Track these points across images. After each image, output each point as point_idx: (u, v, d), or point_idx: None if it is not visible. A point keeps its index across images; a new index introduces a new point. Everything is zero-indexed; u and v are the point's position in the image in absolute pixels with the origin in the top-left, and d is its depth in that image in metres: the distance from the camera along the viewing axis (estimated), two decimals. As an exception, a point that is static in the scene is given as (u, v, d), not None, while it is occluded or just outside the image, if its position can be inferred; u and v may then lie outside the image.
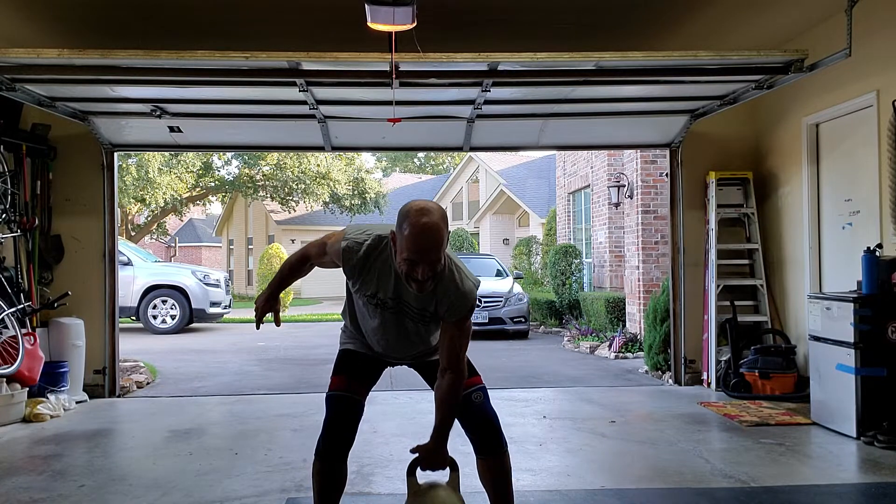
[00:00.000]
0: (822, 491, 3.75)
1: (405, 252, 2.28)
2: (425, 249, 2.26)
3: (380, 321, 2.60)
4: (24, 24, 5.50)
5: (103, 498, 3.70)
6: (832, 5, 5.11)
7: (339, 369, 2.71)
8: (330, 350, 10.21)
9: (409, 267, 2.29)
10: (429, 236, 2.26)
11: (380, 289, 2.49)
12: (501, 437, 2.66)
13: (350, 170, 23.20)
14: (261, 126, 6.50)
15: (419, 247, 2.25)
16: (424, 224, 2.26)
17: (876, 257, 4.77)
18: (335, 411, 2.62)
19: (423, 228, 2.26)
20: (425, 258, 2.27)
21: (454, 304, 2.45)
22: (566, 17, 5.39)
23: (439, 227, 2.28)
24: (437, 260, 2.29)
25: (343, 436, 2.60)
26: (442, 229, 2.29)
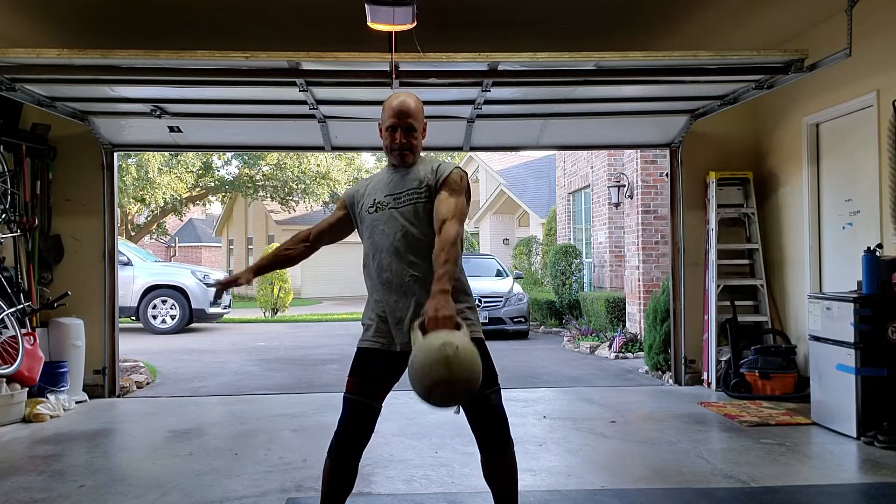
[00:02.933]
0: (822, 491, 3.75)
1: (386, 122, 2.74)
2: (401, 112, 2.71)
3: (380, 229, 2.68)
4: (24, 24, 5.50)
5: (103, 498, 3.70)
6: (832, 5, 5.11)
7: (354, 370, 2.70)
8: (330, 350, 10.29)
9: (390, 135, 2.73)
10: (403, 101, 2.74)
11: (377, 193, 2.78)
12: (507, 434, 2.66)
13: (350, 170, 23.22)
14: (261, 126, 6.50)
15: (395, 110, 2.71)
16: (401, 99, 2.77)
17: (876, 257, 4.77)
18: (349, 414, 2.67)
19: (398, 98, 2.77)
20: (401, 120, 2.70)
21: (438, 169, 2.71)
22: (566, 17, 5.39)
23: (413, 100, 2.77)
24: (413, 127, 2.72)
25: (355, 438, 2.65)
26: (416, 101, 2.77)
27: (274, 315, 17.34)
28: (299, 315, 17.54)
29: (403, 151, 2.73)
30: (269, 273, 18.36)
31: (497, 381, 2.68)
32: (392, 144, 2.73)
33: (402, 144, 2.72)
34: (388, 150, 2.76)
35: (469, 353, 2.29)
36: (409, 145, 2.73)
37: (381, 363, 2.68)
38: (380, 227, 2.70)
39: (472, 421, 2.65)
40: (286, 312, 17.69)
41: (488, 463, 2.67)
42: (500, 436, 2.65)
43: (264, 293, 17.46)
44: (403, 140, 2.72)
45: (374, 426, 2.68)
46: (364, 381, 2.67)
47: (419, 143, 2.78)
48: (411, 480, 3.95)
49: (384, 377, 2.69)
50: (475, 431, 2.66)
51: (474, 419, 2.64)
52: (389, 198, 2.73)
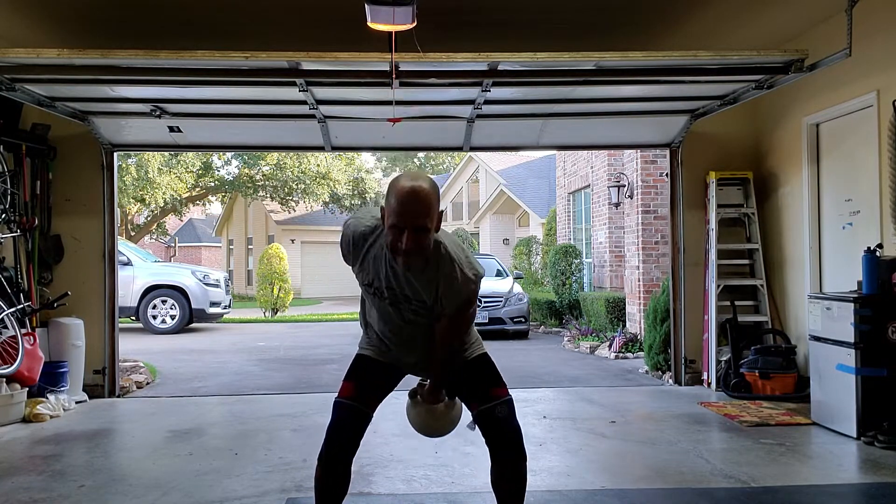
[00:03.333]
0: (822, 491, 3.75)
1: (391, 218, 2.23)
2: (410, 213, 2.20)
3: (380, 314, 2.56)
4: (24, 24, 5.50)
5: (103, 498, 3.70)
6: (832, 5, 5.11)
7: (350, 375, 2.63)
8: (330, 350, 10.29)
9: (395, 235, 2.24)
10: (414, 199, 2.21)
11: (374, 276, 2.44)
12: (522, 450, 2.58)
13: (350, 170, 23.21)
14: (261, 126, 6.49)
15: (404, 210, 2.20)
16: (411, 188, 2.22)
17: (876, 257, 4.77)
18: (339, 419, 2.55)
19: (410, 191, 2.22)
20: (410, 222, 2.20)
21: (449, 293, 2.38)
22: (566, 17, 5.39)
23: (426, 192, 2.23)
24: (424, 228, 2.23)
25: (345, 444, 2.53)
26: (430, 194, 2.24)
27: (274, 315, 17.34)
28: (299, 315, 17.54)
29: (411, 256, 2.28)
30: (269, 273, 18.35)
31: (506, 390, 2.63)
32: (395, 247, 2.27)
33: (409, 250, 2.25)
34: (391, 250, 2.30)
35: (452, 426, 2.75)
36: (418, 249, 2.26)
37: (381, 373, 2.66)
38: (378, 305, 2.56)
39: (485, 433, 2.59)
40: (286, 312, 17.69)
41: (501, 474, 2.59)
42: (515, 448, 2.56)
43: (264, 293, 17.46)
44: (411, 245, 2.24)
45: (363, 433, 2.57)
46: (362, 387, 2.60)
47: (431, 241, 2.31)
48: (411, 480, 3.95)
49: (383, 386, 2.67)
50: (489, 443, 2.59)
51: (488, 432, 2.58)
52: (389, 292, 2.45)
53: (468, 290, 2.40)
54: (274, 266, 17.45)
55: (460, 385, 2.66)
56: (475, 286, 2.42)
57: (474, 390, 2.63)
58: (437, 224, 2.31)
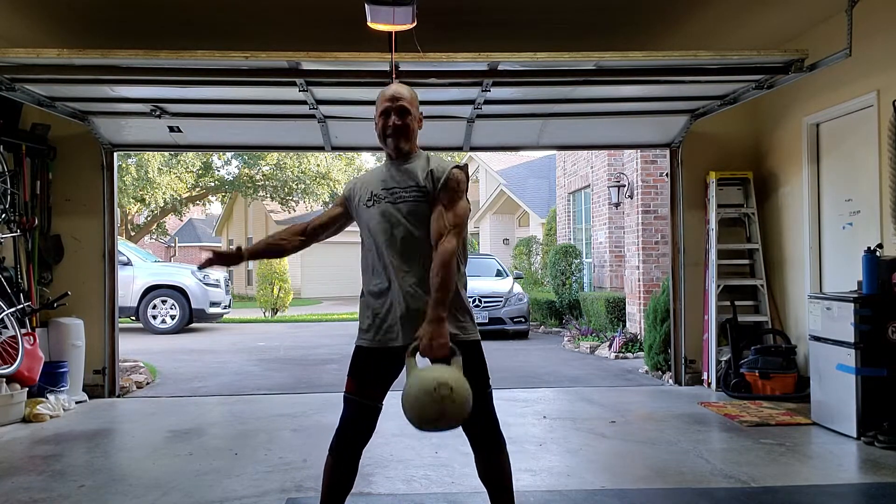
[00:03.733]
0: (822, 491, 3.75)
1: (379, 108, 2.71)
2: (394, 97, 2.69)
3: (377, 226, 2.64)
4: (24, 24, 5.50)
5: (103, 498, 3.70)
6: (832, 5, 5.11)
7: (352, 370, 2.70)
8: (330, 350, 10.29)
9: (384, 120, 2.69)
10: (396, 88, 2.74)
11: (373, 186, 2.74)
12: (498, 434, 2.68)
13: (350, 170, 23.22)
14: (261, 126, 6.50)
15: (388, 95, 2.70)
16: (392, 86, 2.79)
17: (876, 257, 4.77)
18: (349, 413, 2.67)
19: (391, 87, 2.78)
20: (394, 104, 2.68)
21: (435, 170, 2.64)
22: (566, 17, 5.39)
23: (406, 86, 2.77)
24: (406, 109, 2.68)
25: (356, 437, 2.66)
26: (409, 88, 2.76)
27: (274, 315, 17.34)
28: (299, 315, 17.54)
29: (398, 136, 2.67)
30: (269, 273, 18.33)
31: (489, 382, 2.69)
32: (386, 128, 2.69)
33: (396, 127, 2.67)
34: (383, 137, 2.72)
35: (462, 394, 2.40)
36: (403, 127, 2.67)
37: (378, 362, 2.67)
38: (375, 221, 2.67)
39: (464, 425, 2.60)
40: (286, 312, 17.70)
41: (483, 463, 2.71)
42: (493, 436, 2.68)
43: (264, 293, 17.47)
44: (398, 122, 2.67)
45: (375, 425, 2.68)
46: (363, 382, 2.67)
47: (414, 130, 2.72)
48: (411, 480, 3.95)
49: (383, 376, 2.68)
50: (468, 433, 2.67)
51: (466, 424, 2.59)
52: (385, 192, 2.69)
53: (454, 172, 2.64)
54: (274, 266, 17.46)
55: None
56: (460, 170, 2.67)
57: None
58: (418, 119, 2.75)
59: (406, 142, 2.69)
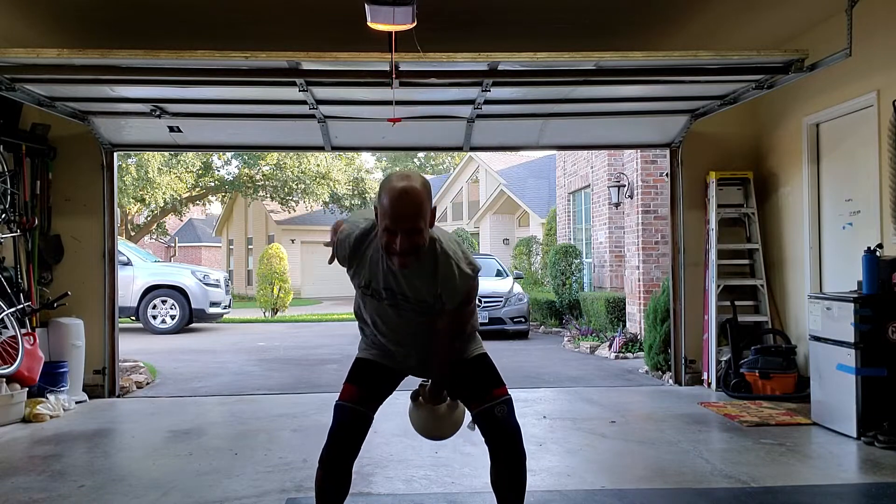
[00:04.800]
0: (822, 491, 3.74)
1: (384, 220, 2.23)
2: (403, 215, 2.19)
3: (378, 315, 2.55)
4: (23, 24, 5.50)
5: (103, 498, 3.70)
6: (832, 5, 5.11)
7: (351, 378, 2.62)
8: (330, 350, 10.29)
9: (388, 237, 2.23)
10: (406, 200, 2.19)
11: (372, 278, 2.43)
12: (521, 450, 2.57)
13: (350, 170, 23.22)
14: (261, 126, 6.49)
15: (396, 212, 2.19)
16: (402, 188, 2.21)
17: (876, 257, 4.77)
18: (340, 422, 2.54)
19: (401, 192, 2.20)
20: (403, 224, 2.20)
21: (448, 289, 2.36)
22: (566, 17, 5.39)
23: (418, 192, 2.22)
24: (417, 229, 2.22)
25: (346, 447, 2.53)
26: (421, 194, 2.22)
27: (274, 315, 17.34)
28: (299, 315, 17.54)
29: (405, 257, 2.27)
30: (269, 273, 18.36)
31: (506, 389, 2.63)
32: (390, 249, 2.26)
33: (403, 251, 2.25)
34: (385, 251, 2.30)
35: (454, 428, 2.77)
36: (412, 250, 2.26)
37: (382, 375, 2.66)
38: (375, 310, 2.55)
39: (485, 433, 2.58)
40: (286, 312, 17.70)
41: (499, 474, 2.59)
42: (514, 448, 2.56)
43: (264, 293, 17.47)
44: (405, 247, 2.24)
45: (365, 436, 2.56)
46: (364, 390, 2.59)
47: (426, 240, 2.29)
48: (411, 480, 3.94)
49: (383, 389, 2.66)
50: (488, 443, 2.58)
51: (488, 432, 2.57)
52: (387, 293, 2.44)
53: (467, 285, 2.39)
54: (274, 266, 17.46)
55: (459, 385, 2.65)
56: (474, 281, 2.42)
57: (473, 390, 2.62)
58: (430, 221, 2.30)
59: (414, 260, 2.30)
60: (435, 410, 2.69)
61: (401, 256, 2.26)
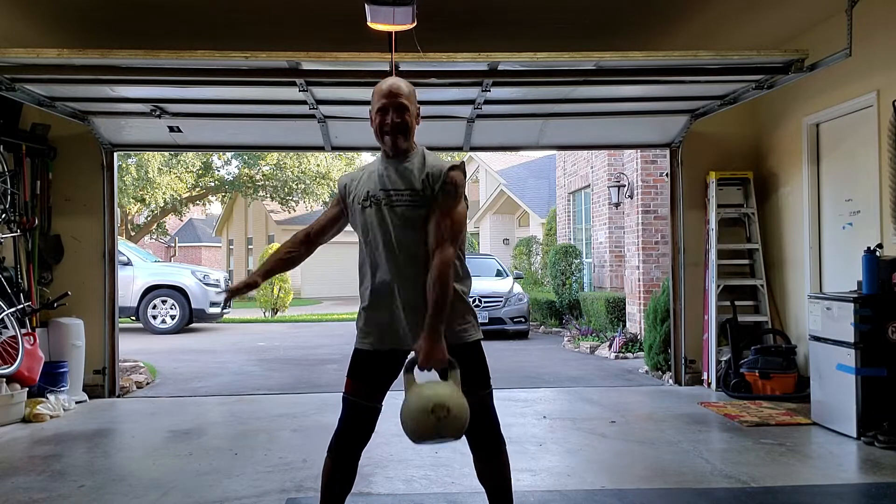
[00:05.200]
0: (822, 491, 3.74)
1: (376, 104, 2.62)
2: (392, 93, 2.60)
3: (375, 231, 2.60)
4: (23, 24, 5.50)
5: (103, 498, 3.70)
6: (832, 5, 5.11)
7: (352, 371, 2.67)
8: (330, 350, 10.29)
9: (381, 116, 2.60)
10: (394, 83, 2.63)
11: (369, 187, 2.67)
12: (498, 435, 2.67)
13: (350, 170, 23.18)
14: (261, 126, 6.50)
15: (385, 92, 2.60)
16: (388, 80, 2.67)
17: (876, 257, 4.77)
18: (349, 414, 2.65)
19: (390, 82, 2.66)
20: (392, 100, 2.59)
21: (434, 171, 2.58)
22: (566, 17, 5.39)
23: (403, 80, 2.67)
24: (404, 106, 2.59)
25: (356, 438, 2.64)
26: (406, 82, 2.66)
27: (274, 315, 17.34)
28: (299, 315, 17.54)
29: (396, 134, 2.59)
30: (269, 273, 18.47)
31: (490, 383, 2.68)
32: (383, 125, 2.60)
33: (394, 125, 2.58)
34: (380, 134, 2.63)
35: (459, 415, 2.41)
36: (402, 125, 2.59)
37: (378, 364, 2.67)
38: (372, 224, 2.63)
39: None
40: (286, 312, 17.69)
41: (482, 464, 2.70)
42: (493, 437, 2.67)
43: (264, 293, 17.46)
44: (396, 119, 2.58)
45: (374, 425, 2.66)
46: (363, 383, 2.65)
47: (412, 126, 2.64)
48: (411, 480, 3.95)
49: (382, 377, 2.68)
50: (468, 434, 2.60)
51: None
52: (382, 192, 2.62)
53: (452, 173, 2.58)
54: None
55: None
56: (457, 170, 2.60)
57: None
58: (416, 114, 2.65)
59: (404, 140, 2.61)
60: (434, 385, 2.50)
61: (392, 134, 2.59)
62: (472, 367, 2.59)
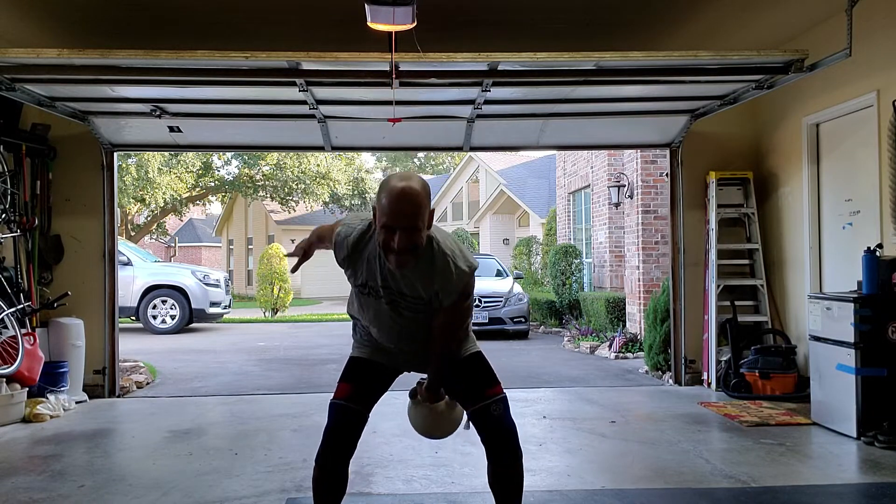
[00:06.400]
0: (822, 491, 3.75)
1: (382, 219, 2.25)
2: (401, 213, 2.22)
3: (374, 313, 2.55)
4: (23, 24, 5.50)
5: (103, 498, 3.70)
6: (832, 5, 5.11)
7: (345, 377, 2.65)
8: (330, 350, 10.28)
9: (387, 235, 2.25)
10: (405, 199, 2.22)
11: (369, 277, 2.45)
12: (517, 449, 2.59)
13: (350, 170, 23.21)
14: (261, 126, 6.49)
15: (394, 210, 2.22)
16: (402, 188, 2.24)
17: (876, 257, 4.77)
18: (336, 421, 2.56)
19: (400, 192, 2.23)
20: (401, 222, 2.22)
21: (445, 286, 2.38)
22: (566, 17, 5.39)
23: (417, 192, 2.24)
24: (415, 228, 2.24)
25: (342, 446, 2.54)
26: (420, 195, 2.25)
27: (274, 315, 17.34)
28: (299, 315, 17.54)
29: (403, 256, 2.28)
30: (269, 273, 18.35)
31: (501, 388, 2.63)
32: (388, 246, 2.27)
33: (402, 248, 2.26)
34: (384, 251, 2.30)
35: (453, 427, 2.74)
36: (410, 248, 2.27)
37: (376, 373, 2.67)
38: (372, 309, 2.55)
39: (481, 432, 2.59)
40: (286, 312, 17.69)
41: (496, 473, 2.61)
42: (512, 448, 2.57)
43: (264, 293, 17.47)
44: (405, 244, 2.25)
45: (360, 433, 2.58)
46: (359, 389, 2.61)
47: (423, 239, 2.31)
48: (411, 480, 3.95)
49: (378, 386, 2.68)
50: (484, 442, 2.59)
51: (483, 431, 2.59)
52: (385, 291, 2.44)
53: (463, 283, 2.40)
54: (274, 266, 17.45)
55: (455, 384, 2.65)
56: (470, 279, 2.42)
57: (468, 389, 2.62)
58: (428, 222, 2.31)
59: (412, 259, 2.31)
60: (433, 409, 2.68)
61: (398, 255, 2.27)
62: (476, 370, 2.63)
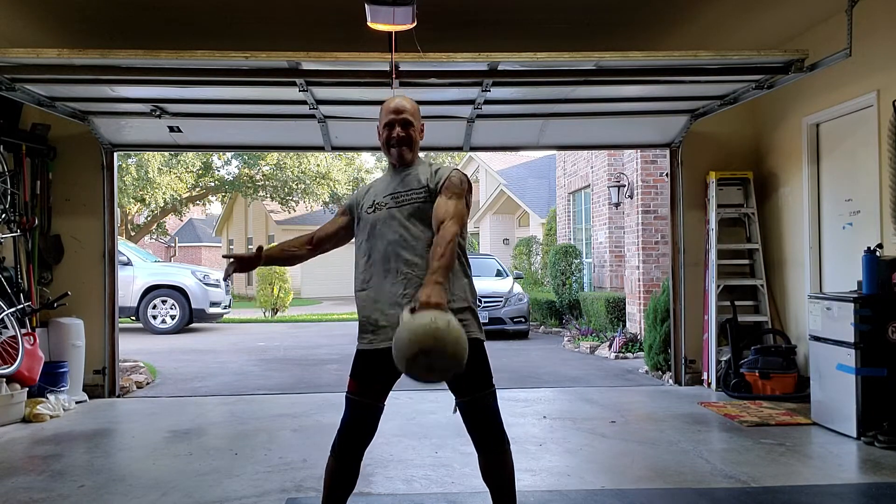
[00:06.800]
0: (822, 491, 3.75)
1: (383, 120, 2.82)
2: (397, 109, 2.80)
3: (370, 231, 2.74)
4: (23, 24, 5.50)
5: (103, 498, 3.70)
6: (832, 5, 5.11)
7: (354, 372, 2.74)
8: (330, 350, 10.29)
9: (388, 131, 2.80)
10: (399, 102, 2.84)
11: (377, 195, 2.82)
12: (502, 434, 2.69)
13: (350, 170, 23.22)
14: (261, 126, 6.50)
15: (391, 108, 2.81)
16: (395, 98, 2.89)
17: (876, 257, 4.77)
18: (352, 414, 2.70)
19: (395, 99, 2.88)
20: (398, 115, 2.79)
21: (438, 172, 2.76)
22: (566, 17, 5.39)
23: (407, 100, 2.87)
24: (409, 122, 2.79)
25: (359, 437, 2.70)
26: (410, 101, 2.86)
27: (274, 315, 17.34)
28: (299, 315, 17.54)
29: (402, 146, 2.78)
30: (269, 273, 18.34)
31: (492, 382, 2.71)
32: (389, 139, 2.80)
33: (399, 139, 2.78)
34: (386, 147, 2.82)
35: (457, 330, 2.32)
36: (407, 139, 2.79)
37: (380, 364, 2.67)
38: (378, 227, 2.74)
39: (467, 423, 2.68)
40: (286, 312, 17.70)
41: (485, 463, 2.71)
42: (496, 437, 2.68)
43: (264, 293, 17.47)
44: (402, 134, 2.78)
45: (377, 424, 2.71)
46: (365, 382, 2.70)
47: (417, 140, 2.83)
48: (411, 480, 3.95)
49: (384, 377, 2.70)
50: (471, 433, 2.69)
51: (470, 421, 2.67)
52: (389, 198, 2.77)
53: (449, 170, 2.77)
54: (274, 266, 17.44)
55: None
56: (456, 170, 2.77)
57: (461, 381, 2.63)
58: (419, 129, 2.84)
59: (409, 151, 2.80)
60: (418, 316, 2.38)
61: (399, 147, 2.77)
62: (472, 365, 2.59)
